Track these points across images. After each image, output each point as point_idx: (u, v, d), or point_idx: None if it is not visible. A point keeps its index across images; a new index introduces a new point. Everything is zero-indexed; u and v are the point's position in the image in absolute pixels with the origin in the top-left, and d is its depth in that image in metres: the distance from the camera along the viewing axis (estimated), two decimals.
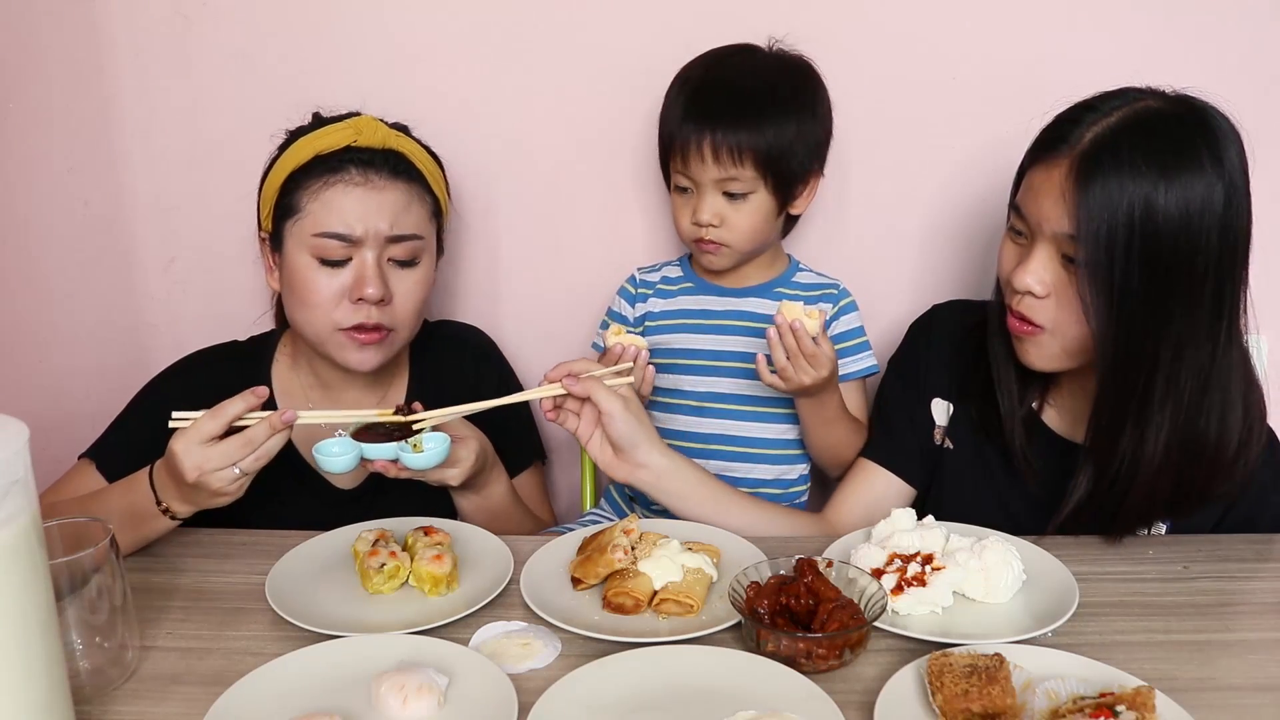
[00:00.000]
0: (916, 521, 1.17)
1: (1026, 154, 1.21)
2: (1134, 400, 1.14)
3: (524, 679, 0.96)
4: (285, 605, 1.07)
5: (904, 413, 1.42)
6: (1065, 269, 1.15)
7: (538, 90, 1.65)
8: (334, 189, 1.30)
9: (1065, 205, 1.11)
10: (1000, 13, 1.58)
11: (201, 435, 1.12)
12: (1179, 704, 0.90)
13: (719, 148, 1.37)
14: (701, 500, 1.30)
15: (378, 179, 1.31)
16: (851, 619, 0.99)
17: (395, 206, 1.32)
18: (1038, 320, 1.18)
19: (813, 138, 1.43)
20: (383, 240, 1.30)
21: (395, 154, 1.34)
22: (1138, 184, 1.08)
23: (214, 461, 1.12)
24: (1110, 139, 1.11)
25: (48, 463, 0.97)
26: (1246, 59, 1.56)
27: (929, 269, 1.71)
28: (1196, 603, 1.12)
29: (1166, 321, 1.11)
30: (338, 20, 1.63)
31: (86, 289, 1.73)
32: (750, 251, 1.48)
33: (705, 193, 1.42)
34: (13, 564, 0.78)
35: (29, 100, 1.61)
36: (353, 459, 1.18)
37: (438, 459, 1.20)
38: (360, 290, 1.29)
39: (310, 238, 1.30)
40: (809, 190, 1.47)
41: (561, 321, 1.75)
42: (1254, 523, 1.29)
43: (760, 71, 1.42)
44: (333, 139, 1.32)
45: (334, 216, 1.29)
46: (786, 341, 1.31)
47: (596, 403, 1.23)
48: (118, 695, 0.96)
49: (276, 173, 1.35)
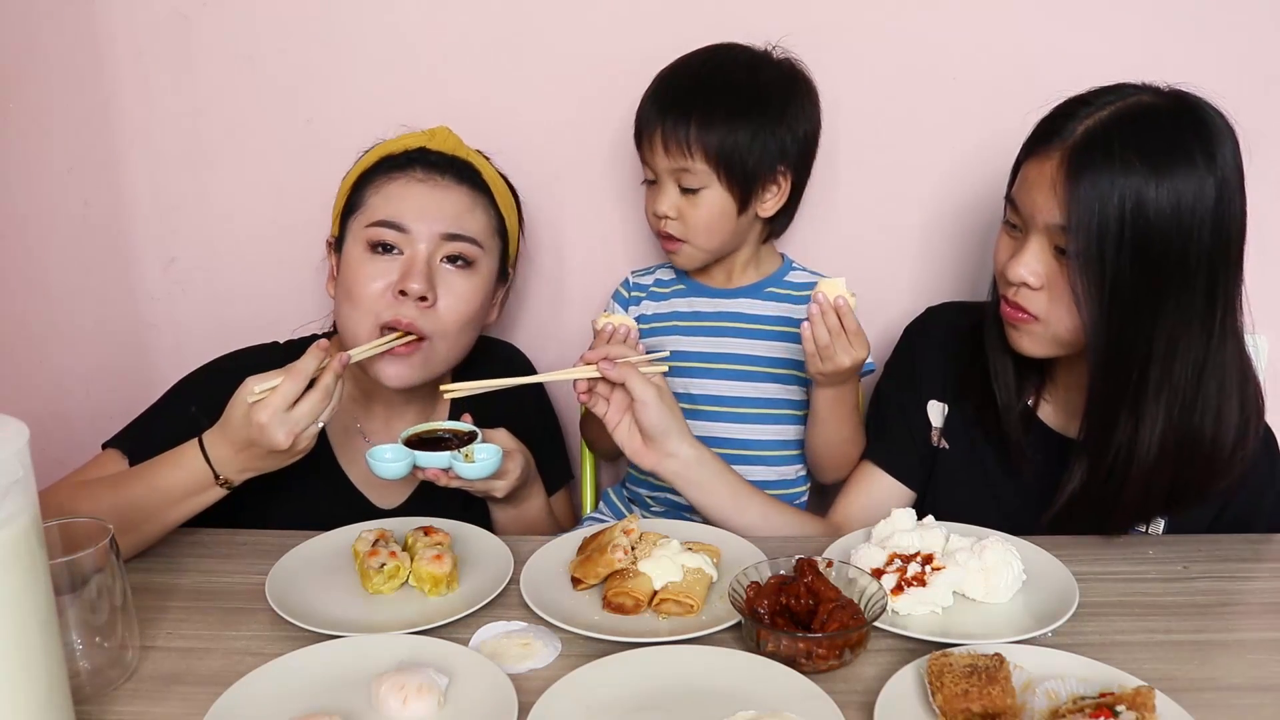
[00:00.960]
0: (916, 521, 1.17)
1: (1022, 148, 1.22)
2: (1128, 392, 1.15)
3: (524, 679, 0.96)
4: (285, 605, 1.07)
5: (900, 416, 1.42)
6: (1057, 260, 1.16)
7: (540, 92, 1.65)
8: (396, 183, 1.31)
9: (1057, 197, 1.12)
10: (998, 12, 1.58)
11: (286, 400, 1.11)
12: (1179, 704, 0.90)
13: (667, 138, 1.38)
14: (722, 494, 1.30)
15: (442, 180, 1.32)
16: (851, 619, 0.99)
17: (457, 207, 1.31)
18: (1032, 310, 1.19)
19: (776, 140, 1.39)
20: (437, 238, 1.29)
21: (464, 162, 1.35)
22: (1128, 178, 1.08)
23: (303, 422, 1.12)
24: (1101, 132, 1.11)
25: (48, 463, 0.97)
26: (1245, 58, 1.56)
27: (926, 269, 1.71)
28: (1196, 603, 1.12)
29: (1159, 314, 1.12)
30: (338, 20, 1.63)
31: (86, 289, 1.73)
32: (713, 250, 1.46)
33: (663, 184, 1.42)
34: (13, 564, 0.78)
35: (29, 100, 1.61)
36: (405, 465, 1.19)
37: (490, 470, 1.21)
38: (404, 282, 1.26)
39: (365, 228, 1.30)
40: (779, 193, 1.44)
41: (563, 324, 1.75)
42: (1249, 522, 1.29)
43: (728, 68, 1.42)
44: (405, 143, 1.34)
45: (390, 206, 1.29)
46: (829, 320, 1.28)
47: (631, 390, 1.23)
48: (118, 695, 0.96)
49: (349, 177, 1.36)
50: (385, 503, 1.41)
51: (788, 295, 1.51)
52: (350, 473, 1.41)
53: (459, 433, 1.26)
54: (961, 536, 1.16)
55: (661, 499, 1.57)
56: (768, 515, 1.32)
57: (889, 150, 1.65)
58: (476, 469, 1.21)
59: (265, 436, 1.11)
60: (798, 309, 1.49)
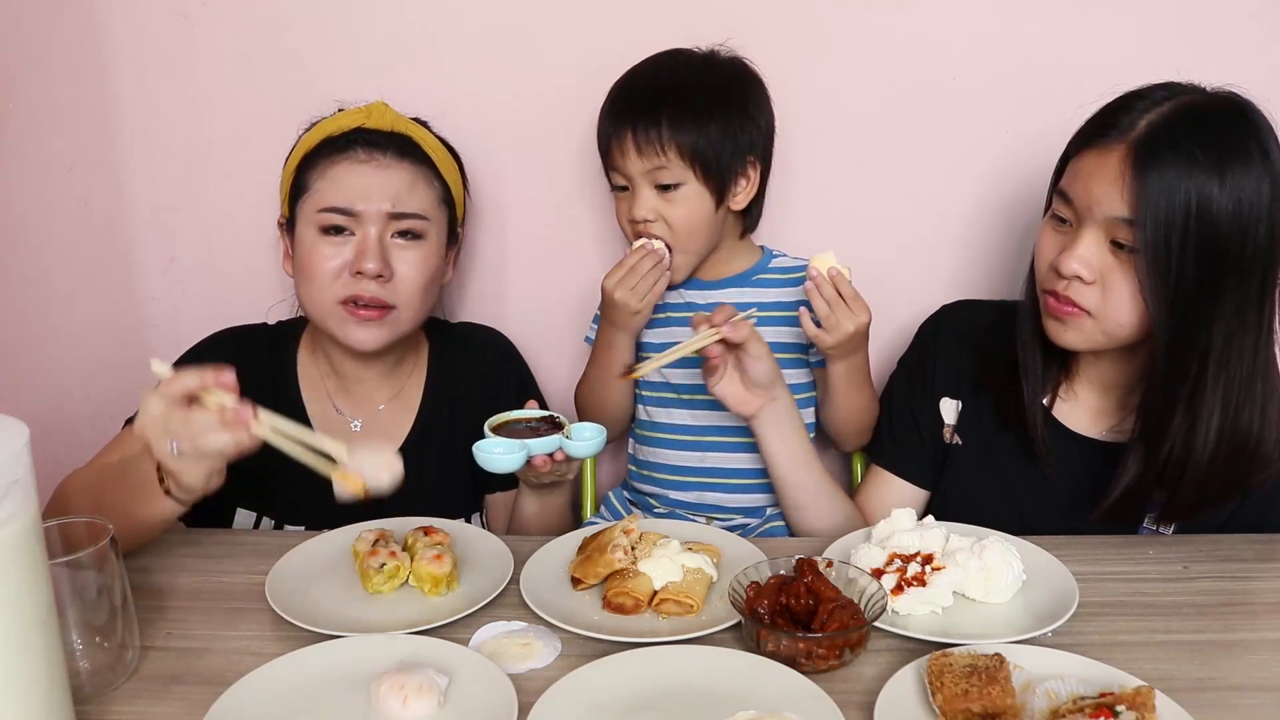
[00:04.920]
0: (916, 521, 1.17)
1: (1072, 141, 1.22)
2: (1186, 385, 1.15)
3: (524, 679, 0.96)
4: (285, 605, 1.07)
5: (911, 415, 1.43)
6: (1114, 254, 1.15)
7: (537, 90, 1.65)
8: (339, 166, 1.33)
9: (1121, 189, 1.12)
10: (1000, 14, 1.58)
11: (160, 391, 1.03)
12: (1179, 704, 0.90)
13: (639, 139, 1.39)
14: (796, 448, 1.37)
15: (383, 158, 1.34)
16: (851, 619, 0.99)
17: (399, 185, 1.34)
18: (1084, 305, 1.18)
19: (741, 131, 1.43)
20: (384, 217, 1.32)
21: (403, 136, 1.37)
22: (1194, 174, 1.09)
23: (154, 425, 1.03)
24: (1165, 126, 1.12)
25: (48, 463, 0.97)
26: (1245, 59, 1.57)
27: (930, 268, 1.71)
28: (1196, 603, 1.12)
29: (1217, 309, 1.12)
30: (337, 21, 1.63)
31: (86, 289, 1.73)
32: (699, 252, 1.48)
33: (639, 188, 1.43)
34: (13, 564, 0.78)
35: (29, 100, 1.61)
36: (521, 457, 1.19)
37: (600, 445, 1.23)
38: (359, 263, 1.30)
39: (315, 213, 1.33)
40: (748, 185, 1.47)
41: (563, 319, 1.75)
42: (1260, 523, 1.28)
43: (681, 69, 1.45)
44: (343, 122, 1.36)
45: (338, 191, 1.32)
46: (826, 291, 1.32)
47: (748, 347, 1.28)
48: (118, 695, 0.96)
49: (293, 158, 1.39)
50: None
51: (776, 280, 1.52)
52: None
53: (529, 419, 1.26)
54: (961, 536, 1.16)
55: (663, 499, 1.57)
56: (822, 485, 1.36)
57: (893, 152, 1.65)
58: (588, 446, 1.22)
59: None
60: (789, 292, 1.50)
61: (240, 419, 1.02)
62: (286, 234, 1.40)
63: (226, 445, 1.03)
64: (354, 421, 1.44)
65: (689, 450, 1.55)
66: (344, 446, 1.05)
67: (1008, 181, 1.65)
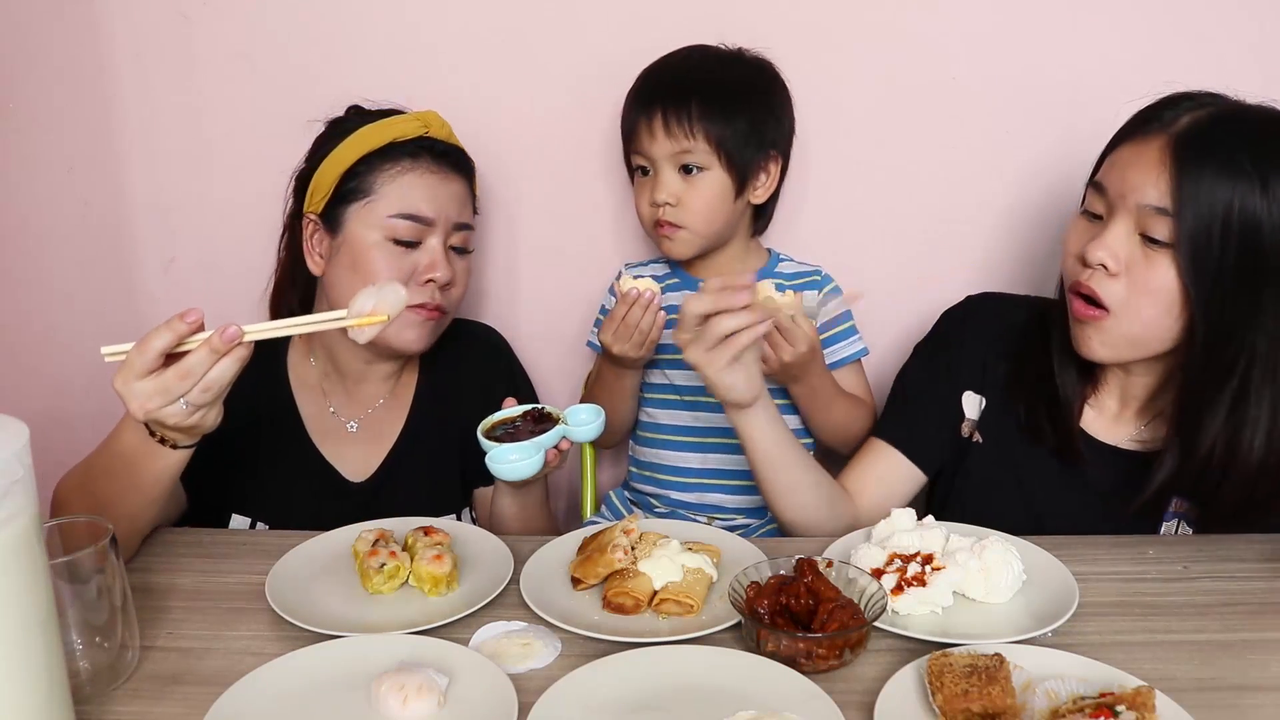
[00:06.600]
0: (916, 521, 1.17)
1: (1114, 137, 1.21)
2: (1227, 390, 1.14)
3: (524, 679, 0.96)
4: (285, 605, 1.07)
5: (927, 398, 1.39)
6: (1142, 247, 1.14)
7: (542, 91, 1.65)
8: (411, 174, 1.36)
9: (1159, 178, 1.11)
10: (1000, 15, 1.58)
11: (135, 371, 1.01)
12: (1179, 704, 0.90)
13: (669, 120, 1.42)
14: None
15: (447, 170, 1.39)
16: (851, 619, 0.99)
17: (460, 197, 1.40)
18: (1105, 300, 1.17)
19: (766, 125, 1.46)
20: (450, 227, 1.38)
21: (459, 150, 1.42)
22: (1238, 177, 1.09)
23: (155, 399, 1.01)
24: (1208, 122, 1.12)
25: (48, 463, 0.97)
26: (1245, 61, 1.57)
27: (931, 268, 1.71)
28: (1196, 603, 1.12)
29: (1260, 314, 1.12)
30: (337, 21, 1.63)
31: (86, 289, 1.73)
32: (709, 236, 1.48)
33: (662, 170, 1.45)
34: (13, 564, 0.78)
35: (29, 100, 1.61)
36: (538, 460, 1.19)
37: (600, 429, 1.23)
38: (431, 272, 1.35)
39: (385, 219, 1.34)
40: (769, 179, 1.49)
41: (566, 319, 1.75)
42: None
43: (711, 61, 1.48)
44: (405, 128, 1.37)
45: (414, 201, 1.35)
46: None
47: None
48: (118, 695, 0.96)
49: (341, 156, 1.36)
50: (355, 475, 1.44)
51: (779, 286, 1.52)
52: (322, 446, 1.43)
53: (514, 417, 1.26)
54: (961, 536, 1.15)
55: (664, 499, 1.57)
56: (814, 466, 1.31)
57: (895, 153, 1.66)
58: (591, 429, 1.23)
59: (124, 403, 1.03)
60: None
61: (231, 338, 1.02)
62: (326, 231, 1.37)
63: (230, 369, 1.03)
64: (349, 423, 1.44)
65: (690, 451, 1.55)
66: (339, 312, 1.10)
67: (1010, 181, 1.65)
